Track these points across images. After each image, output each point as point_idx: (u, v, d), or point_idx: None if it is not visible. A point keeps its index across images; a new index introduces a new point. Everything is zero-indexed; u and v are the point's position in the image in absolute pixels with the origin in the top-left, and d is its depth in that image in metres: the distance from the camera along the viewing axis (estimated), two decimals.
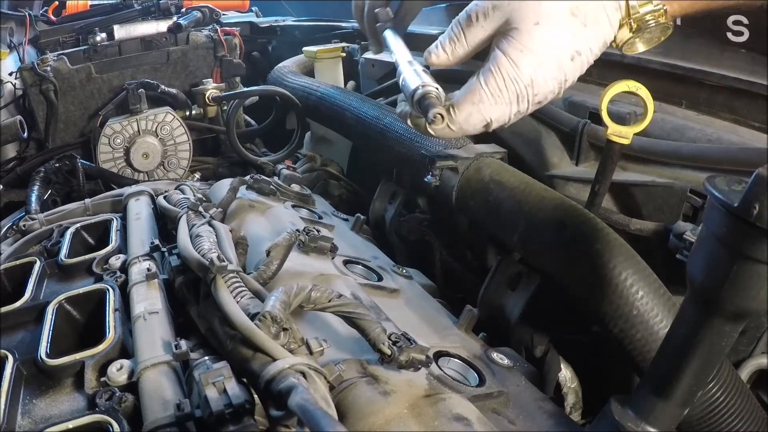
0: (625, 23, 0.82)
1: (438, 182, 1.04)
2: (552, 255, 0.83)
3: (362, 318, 0.67)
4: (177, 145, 1.64)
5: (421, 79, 0.90)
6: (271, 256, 0.82)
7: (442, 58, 0.91)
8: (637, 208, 1.02)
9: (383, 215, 1.46)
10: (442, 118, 0.85)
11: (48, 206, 1.40)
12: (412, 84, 0.90)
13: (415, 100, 0.88)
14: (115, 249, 1.00)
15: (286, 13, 2.92)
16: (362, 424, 0.60)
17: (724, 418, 0.68)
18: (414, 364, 0.67)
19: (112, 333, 0.75)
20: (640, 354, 0.73)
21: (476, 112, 0.87)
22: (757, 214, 0.42)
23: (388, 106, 1.32)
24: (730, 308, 0.49)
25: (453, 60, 0.91)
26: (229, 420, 0.54)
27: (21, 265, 0.97)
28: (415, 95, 0.88)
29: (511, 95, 0.84)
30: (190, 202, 1.03)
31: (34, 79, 1.63)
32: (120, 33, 1.85)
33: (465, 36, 0.88)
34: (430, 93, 0.87)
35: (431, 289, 1.11)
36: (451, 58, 0.90)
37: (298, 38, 2.35)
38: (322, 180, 1.63)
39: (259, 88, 1.80)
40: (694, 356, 0.53)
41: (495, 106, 0.85)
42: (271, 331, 0.61)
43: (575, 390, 0.95)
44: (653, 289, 0.74)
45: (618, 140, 0.87)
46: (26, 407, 0.67)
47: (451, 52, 0.90)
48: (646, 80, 0.85)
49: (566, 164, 1.13)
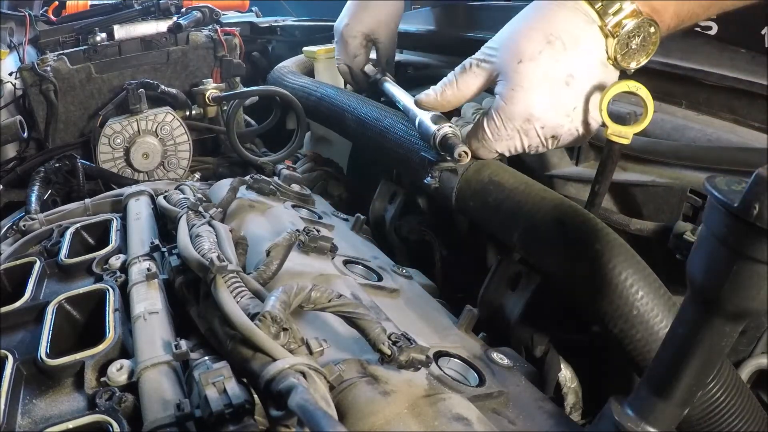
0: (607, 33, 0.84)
1: (437, 184, 1.04)
2: (552, 255, 0.83)
3: (362, 318, 0.67)
4: (177, 145, 1.64)
5: (439, 122, 1.00)
6: (271, 256, 0.82)
7: (430, 98, 1.01)
8: (637, 208, 1.02)
9: (383, 215, 1.46)
10: (467, 155, 0.94)
11: (48, 206, 1.40)
12: (432, 126, 1.00)
13: (437, 142, 0.99)
14: (115, 249, 1.00)
15: (286, 13, 2.92)
16: (362, 424, 0.60)
17: (724, 418, 0.68)
18: (414, 364, 0.67)
19: (112, 333, 0.75)
20: (640, 354, 0.73)
21: (482, 148, 0.96)
22: (757, 214, 0.42)
23: (388, 107, 1.32)
24: (730, 308, 0.49)
25: (440, 100, 1.00)
26: (229, 420, 0.54)
27: (21, 265, 0.97)
28: (435, 137, 0.99)
29: (510, 131, 0.91)
30: (190, 202, 1.03)
31: (34, 79, 1.63)
32: (120, 33, 1.84)
33: (457, 82, 0.97)
34: (448, 134, 0.98)
35: (431, 289, 1.11)
36: (439, 98, 1.00)
37: (298, 38, 2.35)
38: (322, 180, 1.63)
39: (259, 88, 1.80)
40: (694, 356, 0.53)
41: (498, 142, 0.93)
42: (271, 331, 0.61)
43: (575, 390, 0.95)
44: (653, 289, 0.74)
45: (618, 140, 0.88)
46: (26, 407, 0.67)
47: (440, 93, 0.99)
48: (646, 80, 0.85)
49: (566, 164, 1.13)
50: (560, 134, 0.90)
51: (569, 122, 0.89)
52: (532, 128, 0.89)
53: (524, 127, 0.90)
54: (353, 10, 1.50)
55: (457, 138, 0.97)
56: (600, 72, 0.87)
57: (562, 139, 0.91)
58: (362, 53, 1.51)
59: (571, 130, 0.89)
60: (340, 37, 1.52)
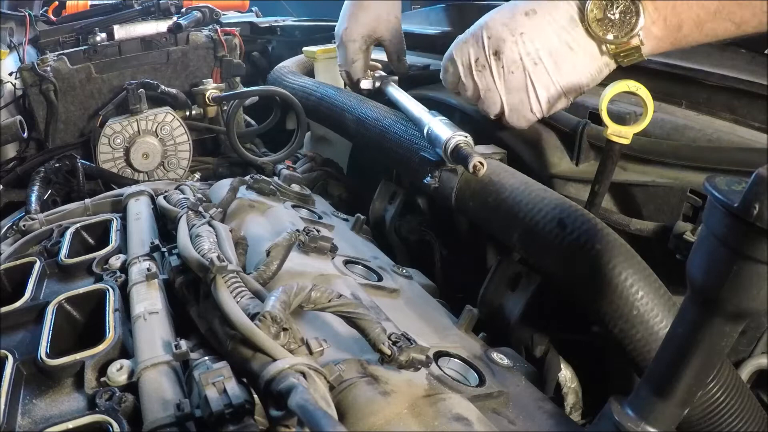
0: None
1: (437, 184, 1.04)
2: (552, 255, 0.83)
3: (362, 318, 0.67)
4: (177, 145, 1.64)
5: (450, 130, 0.97)
6: (271, 256, 0.82)
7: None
8: (637, 208, 1.02)
9: (383, 215, 1.46)
10: (483, 165, 0.90)
11: (48, 206, 1.40)
12: (443, 135, 0.96)
13: (449, 152, 0.94)
14: (115, 249, 1.00)
15: (286, 13, 2.92)
16: (362, 424, 0.60)
17: (724, 418, 0.68)
18: (414, 364, 0.67)
19: (112, 333, 0.75)
20: (640, 354, 0.74)
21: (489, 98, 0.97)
22: (757, 214, 0.42)
23: (388, 107, 1.32)
24: (730, 308, 0.49)
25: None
26: (229, 420, 0.54)
27: (21, 265, 0.97)
28: (448, 146, 0.95)
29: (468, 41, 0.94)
30: (190, 202, 1.03)
31: (34, 79, 1.63)
32: (120, 33, 1.84)
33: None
34: (461, 143, 0.94)
35: (431, 289, 1.11)
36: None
37: (298, 38, 2.35)
38: (322, 180, 1.63)
39: (259, 88, 1.80)
40: (694, 356, 0.53)
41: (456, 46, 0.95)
42: (271, 331, 0.61)
43: (575, 390, 0.95)
44: (653, 289, 0.74)
45: (618, 140, 0.88)
46: (26, 407, 0.67)
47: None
48: (646, 80, 0.85)
49: (566, 164, 1.13)
50: (502, 50, 0.89)
51: (512, 41, 0.88)
52: (480, 34, 0.89)
53: (475, 33, 0.90)
54: (351, 12, 1.46)
55: (470, 147, 0.93)
56: (564, 21, 0.86)
57: (504, 57, 0.90)
58: (361, 58, 1.47)
59: (514, 54, 0.89)
60: (340, 41, 1.49)
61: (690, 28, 0.79)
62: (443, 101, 1.38)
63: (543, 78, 0.89)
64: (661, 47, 0.84)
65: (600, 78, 0.91)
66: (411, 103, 1.18)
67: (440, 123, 1.00)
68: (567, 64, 0.87)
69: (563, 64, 0.88)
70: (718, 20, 0.77)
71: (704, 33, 0.79)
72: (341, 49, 1.49)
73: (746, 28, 0.76)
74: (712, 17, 0.77)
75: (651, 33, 0.83)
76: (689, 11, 0.78)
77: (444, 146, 0.95)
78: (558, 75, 0.88)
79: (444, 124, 0.99)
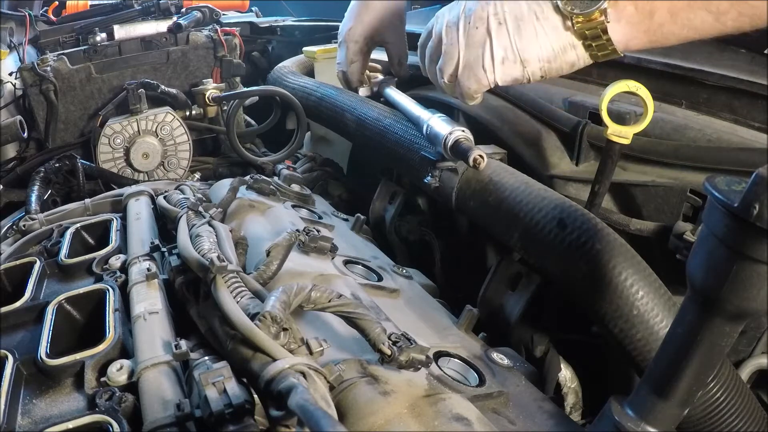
0: None
1: (438, 183, 1.04)
2: (552, 255, 0.83)
3: (362, 318, 0.67)
4: (177, 145, 1.64)
5: (449, 126, 0.97)
6: (271, 256, 0.82)
7: None
8: (637, 208, 1.02)
9: (383, 215, 1.46)
10: (483, 159, 0.89)
11: (48, 206, 1.40)
12: (442, 131, 0.97)
13: (449, 146, 0.95)
14: (115, 249, 1.00)
15: (286, 13, 2.92)
16: (362, 424, 0.60)
17: (724, 418, 0.68)
18: (414, 364, 0.67)
19: (112, 333, 0.75)
20: (640, 354, 0.74)
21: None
22: (757, 214, 0.42)
23: (388, 107, 1.32)
24: (730, 308, 0.49)
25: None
26: (229, 420, 0.54)
27: (21, 265, 0.97)
28: (447, 141, 0.95)
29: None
30: (190, 202, 1.03)
31: (34, 79, 1.63)
32: (120, 33, 1.84)
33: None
34: (461, 138, 0.94)
35: (431, 289, 1.11)
36: None
37: (298, 38, 2.35)
38: (322, 180, 1.63)
39: (259, 88, 1.80)
40: (694, 356, 0.53)
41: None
42: (271, 331, 0.61)
43: (575, 390, 0.95)
44: (653, 289, 0.74)
45: (618, 140, 0.88)
46: (26, 407, 0.67)
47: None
48: (646, 80, 0.85)
49: (566, 164, 1.13)
50: (473, 8, 0.87)
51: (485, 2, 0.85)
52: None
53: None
54: (356, 11, 1.45)
55: (470, 142, 0.93)
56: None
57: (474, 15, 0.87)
58: (359, 60, 1.45)
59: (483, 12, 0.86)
60: (342, 40, 1.48)
61: (663, 16, 0.76)
62: (443, 101, 1.38)
63: (503, 38, 0.87)
64: (636, 38, 0.80)
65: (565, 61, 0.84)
66: (410, 104, 1.18)
67: (439, 120, 1.00)
68: (529, 30, 0.85)
69: (526, 29, 0.85)
70: (694, 9, 0.73)
71: (680, 23, 0.76)
72: (342, 48, 1.48)
73: (726, 20, 0.73)
74: (686, 5, 0.74)
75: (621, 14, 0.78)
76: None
77: (443, 141, 0.95)
78: (518, 39, 0.86)
79: (443, 121, 0.99)
